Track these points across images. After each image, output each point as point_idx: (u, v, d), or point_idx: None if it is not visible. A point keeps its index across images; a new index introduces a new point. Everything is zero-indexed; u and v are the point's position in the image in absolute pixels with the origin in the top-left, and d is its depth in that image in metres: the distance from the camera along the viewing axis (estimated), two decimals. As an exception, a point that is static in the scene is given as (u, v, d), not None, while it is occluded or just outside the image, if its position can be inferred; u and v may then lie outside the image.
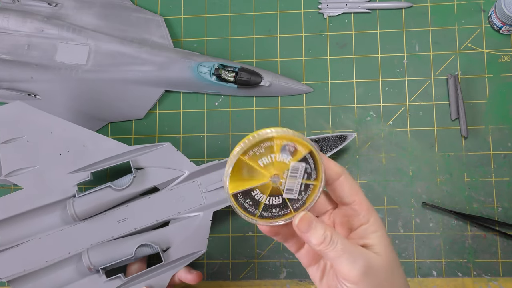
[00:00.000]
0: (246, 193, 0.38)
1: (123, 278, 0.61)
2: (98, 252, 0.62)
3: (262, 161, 0.38)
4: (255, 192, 0.38)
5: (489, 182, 0.66)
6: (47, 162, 0.64)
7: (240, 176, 0.38)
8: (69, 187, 0.63)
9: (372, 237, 0.40)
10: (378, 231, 0.41)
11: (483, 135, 0.67)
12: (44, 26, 0.72)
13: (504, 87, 0.68)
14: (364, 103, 0.69)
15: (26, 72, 0.72)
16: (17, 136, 0.64)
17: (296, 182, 0.38)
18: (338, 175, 0.40)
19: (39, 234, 0.63)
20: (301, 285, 0.67)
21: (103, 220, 0.63)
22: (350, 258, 0.38)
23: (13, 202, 0.63)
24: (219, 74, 0.69)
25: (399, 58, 0.70)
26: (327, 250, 0.38)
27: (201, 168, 0.64)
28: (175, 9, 0.75)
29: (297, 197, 0.38)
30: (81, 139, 0.64)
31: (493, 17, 0.67)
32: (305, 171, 0.38)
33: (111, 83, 0.72)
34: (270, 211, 0.39)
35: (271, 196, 0.39)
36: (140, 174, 0.64)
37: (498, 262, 0.64)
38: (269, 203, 0.39)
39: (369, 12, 0.71)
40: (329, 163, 0.40)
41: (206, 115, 0.72)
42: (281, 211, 0.39)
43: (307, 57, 0.71)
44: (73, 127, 0.64)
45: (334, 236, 0.38)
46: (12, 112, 0.65)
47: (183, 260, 0.62)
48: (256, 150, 0.37)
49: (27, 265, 0.62)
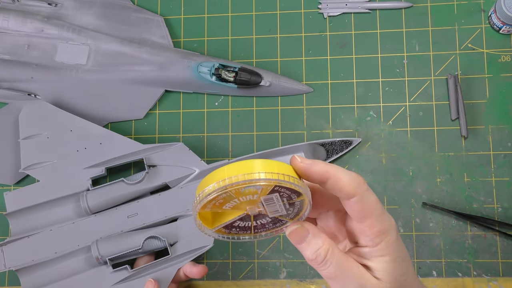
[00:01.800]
0: (228, 226, 0.35)
1: (129, 270, 0.63)
2: (107, 243, 0.63)
3: (227, 206, 0.33)
4: (237, 223, 0.35)
5: (489, 182, 0.66)
6: (65, 157, 0.67)
7: (214, 216, 0.35)
8: (83, 181, 0.66)
9: (376, 261, 0.36)
10: (387, 256, 0.36)
11: (483, 135, 0.67)
12: (44, 26, 0.72)
13: (504, 87, 0.68)
14: (364, 103, 0.69)
15: (26, 72, 0.72)
16: (38, 133, 0.68)
17: (278, 206, 0.34)
18: (351, 196, 0.35)
19: (51, 226, 0.66)
20: (301, 285, 0.67)
21: (114, 214, 0.66)
22: (341, 282, 0.35)
23: (28, 194, 0.66)
24: (219, 74, 0.69)
25: (399, 58, 0.70)
26: (319, 269, 0.35)
27: (211, 167, 0.66)
28: (175, 9, 0.75)
29: (286, 212, 0.35)
30: (98, 137, 0.67)
31: (493, 17, 0.67)
32: (281, 197, 0.33)
33: (111, 83, 0.72)
34: (264, 228, 0.36)
35: (257, 220, 0.35)
36: (152, 171, 0.66)
37: (498, 262, 0.64)
38: (259, 224, 0.36)
39: (369, 12, 0.71)
40: (337, 184, 0.35)
41: (206, 115, 0.72)
42: (276, 223, 0.36)
43: (307, 57, 0.71)
44: (92, 126, 0.68)
45: (329, 255, 0.35)
46: (36, 110, 0.69)
47: (189, 254, 0.64)
48: (213, 202, 0.33)
49: (36, 256, 0.64)
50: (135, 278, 0.63)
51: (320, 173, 0.34)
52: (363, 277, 0.36)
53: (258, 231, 0.36)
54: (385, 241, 0.36)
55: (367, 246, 0.36)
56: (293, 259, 0.67)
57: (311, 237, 0.35)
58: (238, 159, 0.67)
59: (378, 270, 0.36)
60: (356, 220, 0.36)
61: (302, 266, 0.67)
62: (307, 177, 0.35)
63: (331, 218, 0.40)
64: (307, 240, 0.35)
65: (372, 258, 0.36)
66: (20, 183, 0.71)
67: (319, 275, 0.66)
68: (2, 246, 0.65)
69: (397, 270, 0.36)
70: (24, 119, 0.68)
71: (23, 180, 0.71)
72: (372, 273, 0.36)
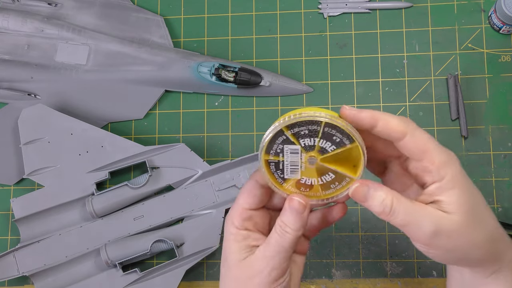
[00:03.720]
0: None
1: (139, 273, 0.64)
2: (115, 248, 0.64)
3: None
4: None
5: (489, 182, 0.66)
6: (67, 162, 0.67)
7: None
8: (88, 186, 0.67)
9: (447, 195, 0.37)
10: (456, 188, 0.37)
11: (483, 135, 0.67)
12: (44, 26, 0.72)
13: (504, 87, 0.68)
14: (364, 103, 0.69)
15: (26, 72, 0.72)
16: (39, 137, 0.68)
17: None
18: (403, 135, 0.37)
19: (59, 231, 0.66)
20: (301, 285, 0.67)
21: (120, 217, 0.66)
22: (415, 225, 0.36)
23: (35, 200, 0.67)
24: (219, 74, 0.69)
25: (399, 58, 0.70)
26: (390, 220, 0.37)
27: (214, 168, 0.66)
28: (175, 9, 0.75)
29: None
30: (100, 140, 0.67)
31: (493, 17, 0.67)
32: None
33: (111, 83, 0.72)
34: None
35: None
36: (155, 173, 0.67)
37: (498, 262, 0.64)
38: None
39: (369, 12, 0.71)
40: (388, 124, 0.37)
41: (206, 115, 0.72)
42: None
43: (307, 57, 0.71)
44: (92, 128, 0.68)
45: (395, 203, 0.36)
46: (35, 114, 0.68)
47: (196, 255, 0.65)
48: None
49: (48, 260, 0.65)
50: (144, 280, 0.65)
51: (370, 117, 0.37)
52: (436, 215, 0.36)
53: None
54: (450, 173, 0.37)
55: (435, 182, 0.37)
56: (293, 259, 0.67)
57: (373, 191, 0.37)
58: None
59: (450, 204, 0.37)
60: (416, 158, 0.37)
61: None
62: (357, 123, 0.37)
63: (394, 173, 0.42)
64: (370, 196, 0.37)
65: (442, 193, 0.37)
66: (20, 183, 0.71)
67: (319, 275, 0.66)
68: (14, 252, 0.66)
69: (469, 201, 0.37)
70: (23, 124, 0.68)
71: (23, 181, 0.71)
72: (444, 209, 0.37)
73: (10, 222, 0.70)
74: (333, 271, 0.66)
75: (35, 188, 0.70)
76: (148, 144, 0.68)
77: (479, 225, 0.38)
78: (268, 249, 0.40)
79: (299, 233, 0.39)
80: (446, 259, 0.40)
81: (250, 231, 0.41)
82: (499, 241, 0.40)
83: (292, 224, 0.39)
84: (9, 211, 0.71)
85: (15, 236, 0.70)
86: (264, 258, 0.40)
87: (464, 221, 0.37)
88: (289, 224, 0.39)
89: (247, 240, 0.41)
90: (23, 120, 0.68)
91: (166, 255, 0.68)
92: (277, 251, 0.39)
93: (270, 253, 0.40)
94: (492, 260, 0.40)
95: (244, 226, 0.41)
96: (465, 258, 0.39)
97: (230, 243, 0.41)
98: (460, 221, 0.37)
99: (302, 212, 0.39)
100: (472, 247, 0.38)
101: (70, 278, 0.66)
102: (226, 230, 0.42)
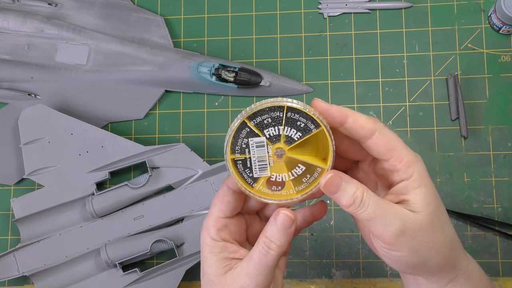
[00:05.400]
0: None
1: (139, 273, 0.64)
2: (115, 248, 0.64)
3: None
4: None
5: (489, 182, 0.66)
6: (68, 162, 0.67)
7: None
8: (88, 186, 0.67)
9: (414, 194, 0.37)
10: (422, 187, 0.37)
11: (483, 135, 0.67)
12: (44, 26, 0.72)
13: (504, 87, 0.68)
14: (364, 103, 0.69)
15: (26, 72, 0.72)
16: (39, 137, 0.68)
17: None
18: (371, 132, 0.37)
19: (59, 231, 0.67)
20: (301, 285, 0.67)
21: (120, 217, 0.66)
22: (382, 221, 0.36)
23: (35, 200, 0.67)
24: (219, 74, 0.69)
25: (399, 58, 0.70)
26: (358, 213, 0.36)
27: (214, 168, 0.66)
28: (175, 9, 0.75)
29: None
30: (100, 140, 0.68)
31: (493, 17, 0.67)
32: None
33: (111, 83, 0.72)
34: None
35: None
36: (155, 173, 0.67)
37: (498, 262, 0.64)
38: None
39: (369, 12, 0.71)
40: (357, 121, 0.37)
41: (206, 115, 0.72)
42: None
43: (307, 57, 0.71)
44: (92, 128, 0.68)
45: (365, 196, 0.36)
46: (35, 114, 0.68)
47: (196, 255, 0.65)
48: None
49: (48, 260, 0.65)
50: (144, 280, 0.65)
51: (340, 112, 0.37)
52: (403, 213, 0.36)
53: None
54: (418, 171, 0.37)
55: (402, 180, 0.37)
56: (293, 259, 0.67)
57: (345, 184, 0.36)
58: None
59: (416, 203, 0.37)
60: (383, 157, 0.37)
61: (302, 266, 0.67)
62: (327, 118, 0.37)
63: (361, 172, 0.42)
64: (342, 188, 0.36)
65: (409, 192, 0.37)
66: (20, 183, 0.71)
67: (319, 275, 0.66)
68: (14, 252, 0.66)
69: (434, 201, 0.37)
70: (23, 124, 0.68)
71: (23, 181, 0.71)
72: (410, 208, 0.37)
73: (10, 222, 0.71)
74: (333, 271, 0.66)
75: (35, 188, 0.70)
76: (148, 144, 0.68)
77: (441, 228, 0.38)
78: (251, 267, 0.39)
79: (284, 249, 0.39)
80: (405, 263, 0.38)
81: (227, 242, 0.40)
82: (456, 248, 0.40)
83: (277, 239, 0.38)
84: (9, 211, 0.71)
85: (15, 236, 0.70)
86: (247, 275, 0.39)
87: (429, 222, 0.37)
88: (274, 240, 0.38)
89: (224, 253, 0.40)
90: (23, 120, 0.68)
91: (166, 255, 0.68)
92: (260, 270, 0.38)
93: (253, 271, 0.38)
94: (450, 267, 0.40)
95: (220, 236, 0.40)
96: (424, 264, 0.38)
97: (207, 255, 0.40)
98: (425, 221, 0.37)
99: (289, 227, 0.38)
100: (432, 250, 0.38)
101: (70, 278, 0.66)
102: (202, 240, 0.41)
